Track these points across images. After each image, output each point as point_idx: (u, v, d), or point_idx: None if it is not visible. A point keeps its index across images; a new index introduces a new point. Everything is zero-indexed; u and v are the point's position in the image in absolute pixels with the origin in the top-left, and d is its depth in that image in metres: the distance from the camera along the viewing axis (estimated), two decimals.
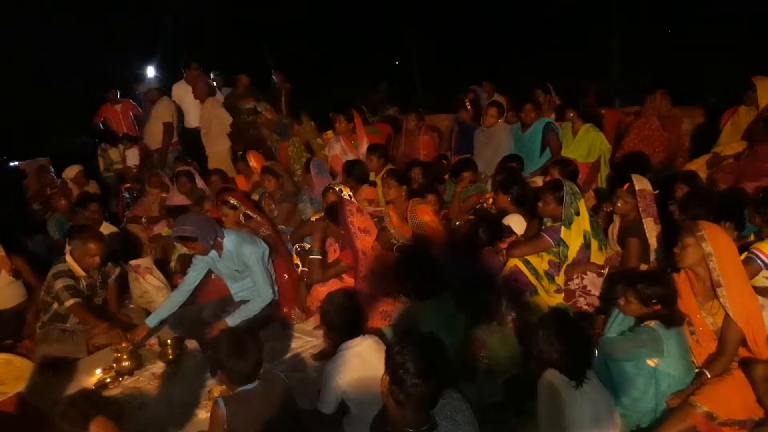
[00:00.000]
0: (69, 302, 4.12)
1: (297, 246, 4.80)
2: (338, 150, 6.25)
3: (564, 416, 2.49)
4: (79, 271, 4.23)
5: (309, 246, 4.71)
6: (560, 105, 6.12)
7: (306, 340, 4.16)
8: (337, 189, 4.60)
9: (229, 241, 4.00)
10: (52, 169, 7.12)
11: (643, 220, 3.72)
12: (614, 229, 3.98)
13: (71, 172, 6.81)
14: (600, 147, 5.35)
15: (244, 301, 4.01)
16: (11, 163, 7.92)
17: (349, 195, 4.56)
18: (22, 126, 9.83)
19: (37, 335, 4.24)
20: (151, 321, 4.06)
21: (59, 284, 4.14)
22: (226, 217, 4.69)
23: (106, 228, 5.37)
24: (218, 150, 7.34)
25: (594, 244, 3.79)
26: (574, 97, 5.75)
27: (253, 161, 6.09)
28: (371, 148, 5.68)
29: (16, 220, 6.01)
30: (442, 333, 3.21)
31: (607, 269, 3.70)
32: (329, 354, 3.42)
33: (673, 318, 2.83)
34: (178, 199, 5.61)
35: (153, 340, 4.15)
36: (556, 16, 11.24)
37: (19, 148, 8.59)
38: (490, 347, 3.23)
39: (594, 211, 4.16)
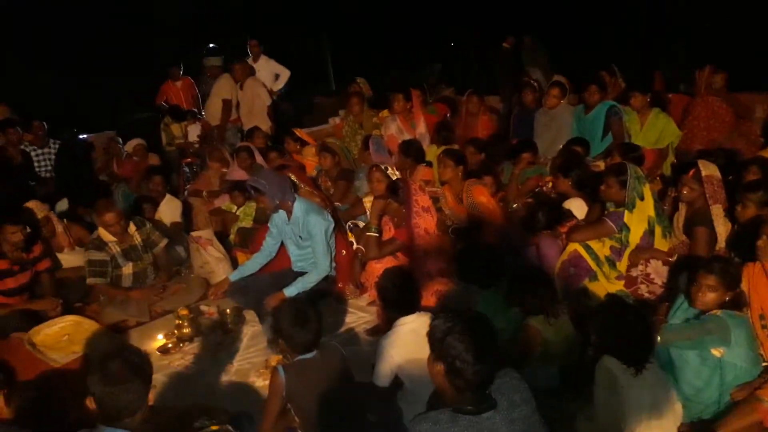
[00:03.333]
0: (89, 281, 4.38)
1: (351, 223, 4.85)
2: (394, 129, 6.24)
3: (622, 403, 2.45)
4: (109, 237, 4.40)
5: (363, 224, 4.76)
6: (625, 89, 5.94)
7: (360, 315, 4.21)
8: (383, 167, 4.59)
9: (299, 207, 4.11)
10: (121, 142, 7.37)
11: (711, 207, 3.58)
12: (680, 218, 3.84)
13: (131, 145, 7.06)
14: (670, 134, 5.18)
15: (301, 274, 4.10)
16: (80, 136, 8.23)
17: (396, 174, 4.55)
18: (89, 100, 10.20)
19: (103, 299, 4.46)
20: (234, 276, 4.30)
21: (86, 257, 4.39)
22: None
23: (169, 200, 5.56)
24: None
25: (658, 230, 3.67)
26: (641, 82, 5.57)
27: (305, 137, 6.17)
28: (438, 128, 5.68)
29: (85, 190, 6.25)
30: (498, 319, 3.22)
31: (675, 257, 3.59)
32: (383, 330, 3.45)
33: (740, 300, 2.74)
34: (238, 174, 5.73)
35: (212, 309, 4.29)
36: None
37: (87, 121, 8.92)
38: (545, 336, 3.19)
39: (660, 197, 4.03)
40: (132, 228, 4.55)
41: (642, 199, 3.67)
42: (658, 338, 2.80)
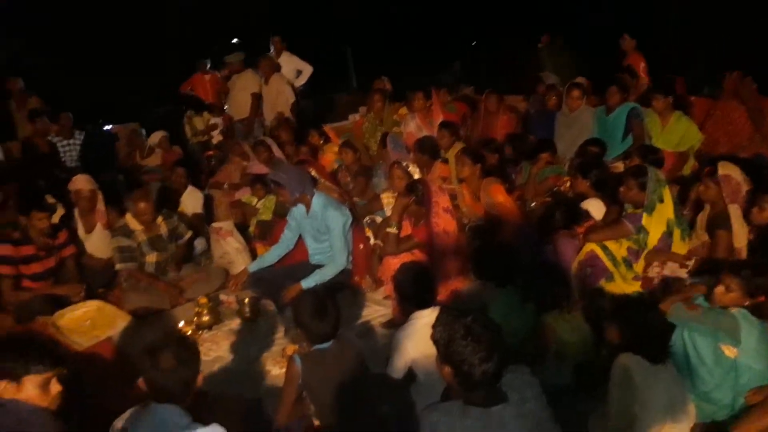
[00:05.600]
0: (118, 266, 4.51)
1: (368, 218, 4.89)
2: (413, 127, 6.26)
3: (635, 401, 2.46)
4: (136, 226, 4.53)
5: (380, 219, 4.80)
6: (649, 88, 5.90)
7: (375, 308, 4.27)
8: (404, 164, 4.63)
9: (317, 201, 4.18)
10: (144, 133, 7.50)
11: (729, 207, 3.57)
12: (703, 217, 3.83)
13: (155, 137, 7.18)
14: (692, 138, 5.15)
15: (318, 267, 4.16)
16: (105, 127, 8.38)
17: (416, 172, 4.59)
18: (113, 92, 10.37)
19: (125, 285, 4.55)
20: (253, 267, 4.41)
21: (113, 243, 4.51)
22: None
23: (191, 192, 5.64)
24: None
25: (676, 233, 3.66)
26: (663, 84, 5.54)
27: (331, 134, 6.23)
28: (443, 124, 5.71)
29: (110, 178, 6.37)
30: (513, 317, 3.25)
31: (692, 262, 3.58)
32: (398, 323, 3.49)
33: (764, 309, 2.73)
34: (257, 168, 5.81)
35: (231, 298, 4.37)
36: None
37: (112, 113, 9.08)
38: (560, 335, 3.21)
39: (680, 200, 4.02)
40: (159, 218, 4.66)
41: (662, 201, 3.66)
42: (668, 314, 2.81)
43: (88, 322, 4.01)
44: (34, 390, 2.13)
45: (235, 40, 8.69)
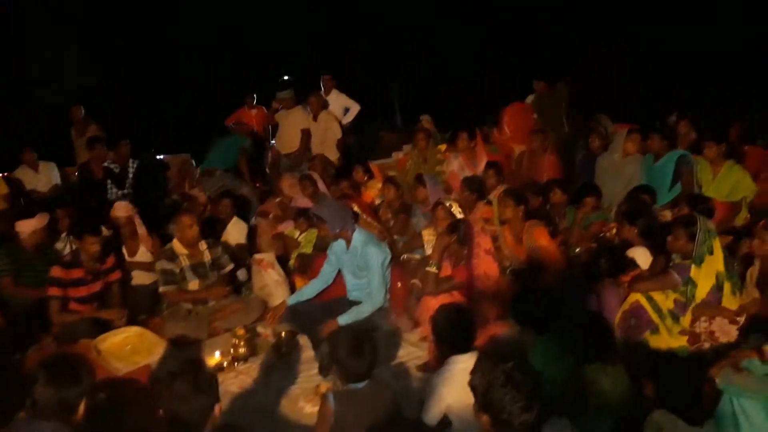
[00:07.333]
0: (161, 289, 4.59)
1: (405, 256, 4.88)
2: (456, 166, 6.28)
3: None
4: (181, 249, 4.62)
5: (418, 257, 4.78)
6: (697, 139, 5.79)
7: (411, 350, 4.20)
8: (448, 204, 4.62)
9: (358, 237, 4.22)
10: (195, 164, 7.72)
11: None
12: (754, 272, 3.68)
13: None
14: (745, 188, 5.00)
15: (355, 303, 4.15)
16: (157, 156, 8.65)
17: (459, 212, 4.57)
18: (161, 122, 10.78)
19: (165, 313, 4.63)
20: (291, 300, 4.46)
21: (158, 266, 4.61)
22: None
23: (236, 222, 5.76)
24: None
25: (727, 286, 3.53)
26: (715, 132, 5.42)
27: (376, 171, 6.31)
28: (489, 165, 5.70)
29: (158, 207, 6.56)
30: (552, 366, 3.16)
31: (743, 318, 3.43)
32: (433, 367, 3.44)
33: None
34: (302, 201, 5.90)
35: (268, 331, 4.39)
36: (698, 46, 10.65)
37: (164, 142, 9.40)
38: (601, 387, 3.10)
39: (730, 252, 3.88)
40: (203, 245, 4.75)
41: (711, 253, 3.54)
42: (718, 381, 2.68)
43: (129, 348, 4.07)
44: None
45: (286, 78, 8.93)
